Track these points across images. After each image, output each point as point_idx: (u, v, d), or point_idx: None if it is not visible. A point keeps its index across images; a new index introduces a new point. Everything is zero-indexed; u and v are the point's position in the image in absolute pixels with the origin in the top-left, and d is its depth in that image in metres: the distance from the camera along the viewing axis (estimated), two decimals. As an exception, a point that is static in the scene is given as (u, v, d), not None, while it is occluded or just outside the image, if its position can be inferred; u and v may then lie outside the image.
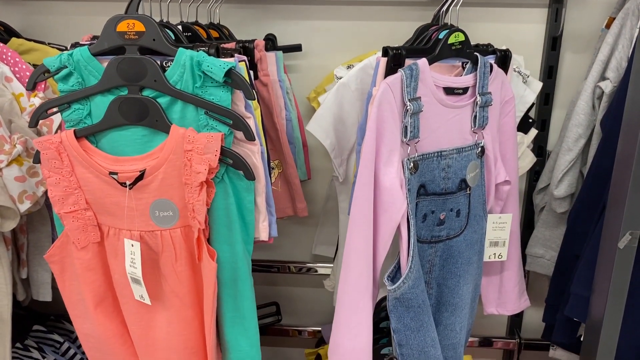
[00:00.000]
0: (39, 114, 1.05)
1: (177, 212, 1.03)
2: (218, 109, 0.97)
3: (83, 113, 1.04)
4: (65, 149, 1.04)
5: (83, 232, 1.08)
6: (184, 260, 1.05)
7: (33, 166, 1.26)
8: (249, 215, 1.04)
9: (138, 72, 0.98)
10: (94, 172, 1.04)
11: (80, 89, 1.03)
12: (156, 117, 1.00)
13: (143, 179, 1.02)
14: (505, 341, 1.80)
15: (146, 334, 1.11)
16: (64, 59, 1.01)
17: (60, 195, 1.06)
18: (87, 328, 1.15)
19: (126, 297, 1.10)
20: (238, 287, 1.06)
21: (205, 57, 0.95)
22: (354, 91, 1.33)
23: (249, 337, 1.08)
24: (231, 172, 1.01)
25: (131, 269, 1.04)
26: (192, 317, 1.08)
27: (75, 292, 1.14)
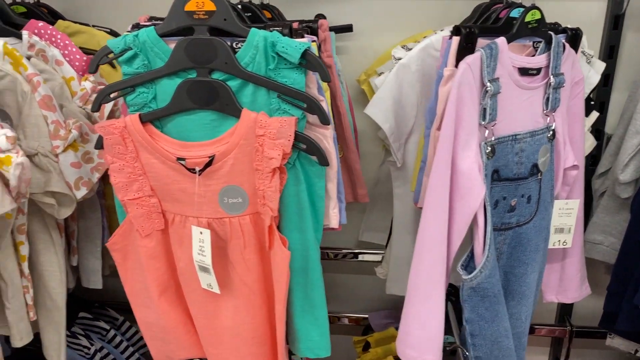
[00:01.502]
0: (102, 98, 1.02)
1: (247, 198, 1.00)
2: (292, 91, 0.93)
3: (148, 97, 1.01)
4: (130, 134, 1.01)
5: (147, 220, 1.05)
6: (253, 247, 1.02)
7: (88, 152, 1.23)
8: (320, 201, 1.00)
9: (208, 53, 0.95)
10: (159, 157, 1.01)
11: (145, 71, 0.99)
12: (226, 101, 0.96)
13: (212, 164, 0.98)
14: (555, 329, 1.76)
15: (212, 322, 1.08)
16: (129, 41, 0.97)
17: (124, 181, 1.03)
18: (150, 317, 1.13)
19: (191, 286, 1.07)
20: (309, 275, 1.03)
21: (280, 37, 0.91)
22: (414, 72, 1.28)
23: (319, 327, 1.05)
24: (303, 157, 0.98)
25: (199, 257, 1.02)
26: (260, 306, 1.06)
27: (138, 281, 1.12)
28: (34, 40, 1.25)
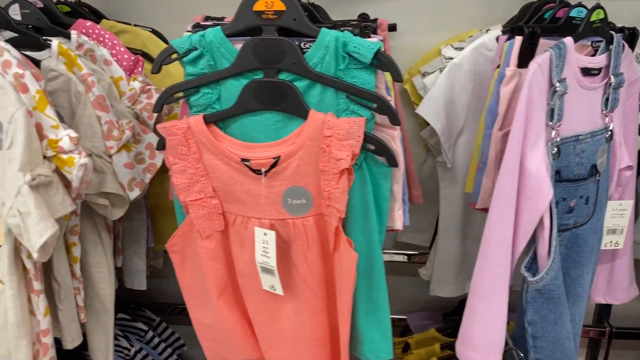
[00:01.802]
0: (165, 98, 1.01)
1: (311, 200, 0.99)
2: (363, 92, 0.92)
3: (212, 97, 1.00)
4: (193, 135, 1.00)
5: (208, 221, 1.04)
6: (316, 249, 1.01)
7: (140, 152, 1.23)
8: (385, 203, 1.00)
9: (276, 54, 0.94)
10: (223, 159, 1.00)
11: (210, 72, 0.98)
12: (293, 102, 0.95)
13: (277, 165, 0.98)
14: (593, 329, 1.75)
15: (272, 324, 1.08)
16: (195, 41, 0.97)
17: (186, 183, 1.02)
18: (208, 319, 1.12)
19: (252, 287, 1.07)
20: (373, 277, 1.02)
21: (352, 37, 0.90)
22: (466, 72, 1.28)
23: (382, 329, 1.04)
24: (369, 158, 0.97)
25: (263, 258, 1.01)
26: (321, 308, 1.05)
27: (196, 282, 1.11)
28: (83, 39, 1.25)
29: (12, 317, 1.04)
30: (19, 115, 0.95)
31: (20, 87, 0.96)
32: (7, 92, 0.96)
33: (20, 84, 0.96)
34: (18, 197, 0.94)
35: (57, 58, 1.14)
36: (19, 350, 1.06)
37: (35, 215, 0.93)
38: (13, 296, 1.03)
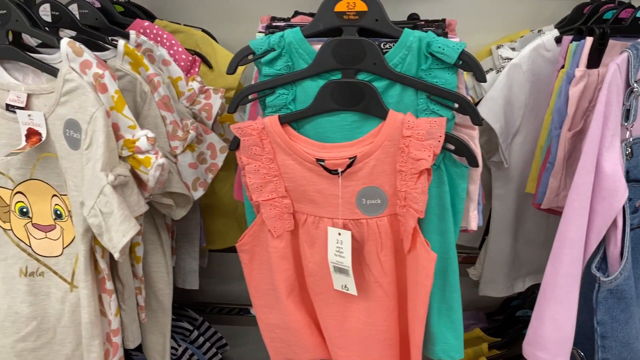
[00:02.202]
0: (240, 99, 1.02)
1: (386, 200, 0.99)
2: (445, 92, 0.92)
3: (288, 98, 1.00)
4: (268, 135, 1.01)
5: (279, 220, 1.05)
6: (389, 249, 1.02)
7: (202, 152, 1.23)
8: (461, 203, 1.00)
9: (356, 54, 0.94)
10: (297, 159, 1.00)
11: (287, 73, 0.98)
12: (372, 102, 0.96)
13: (352, 166, 0.98)
14: None
15: (341, 324, 1.08)
16: (273, 41, 0.97)
17: (259, 182, 1.03)
18: (275, 318, 1.12)
19: (322, 287, 1.07)
20: (448, 278, 1.02)
21: (436, 37, 0.91)
22: (525, 72, 1.28)
23: (455, 329, 1.05)
24: (447, 158, 0.97)
25: (336, 258, 1.01)
26: (393, 308, 1.05)
27: (264, 282, 1.11)
28: (142, 39, 1.25)
29: (86, 317, 1.04)
30: (98, 115, 0.95)
31: (99, 87, 0.97)
32: (86, 92, 0.96)
33: (99, 84, 0.97)
34: (100, 197, 0.94)
35: (123, 58, 1.14)
36: (91, 350, 1.06)
37: (118, 215, 0.94)
38: (88, 296, 1.03)
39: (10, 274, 1.14)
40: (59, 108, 1.00)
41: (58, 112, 1.00)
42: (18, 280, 1.14)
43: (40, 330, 1.15)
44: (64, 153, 1.02)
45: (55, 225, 1.11)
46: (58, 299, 1.14)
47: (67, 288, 1.14)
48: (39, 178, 1.08)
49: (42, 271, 1.14)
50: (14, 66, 1.06)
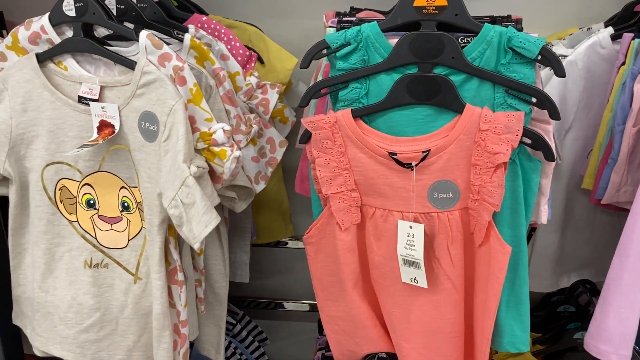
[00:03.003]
0: (313, 93, 1.03)
1: (458, 193, 1.00)
2: (524, 86, 0.93)
3: (361, 92, 1.01)
4: (340, 128, 1.01)
5: (347, 213, 1.06)
6: (459, 243, 1.03)
7: (262, 146, 1.24)
8: (532, 197, 1.01)
9: (434, 48, 0.95)
10: (368, 152, 1.01)
11: (361, 67, 0.99)
12: (449, 96, 0.97)
13: (425, 159, 0.99)
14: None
15: (407, 317, 1.09)
16: (350, 35, 0.98)
17: (329, 176, 1.04)
18: (339, 310, 1.13)
19: (389, 280, 1.08)
20: (518, 271, 1.03)
21: (517, 32, 0.92)
22: (580, 69, 1.29)
23: (522, 322, 1.06)
24: (522, 152, 0.98)
25: (407, 251, 1.02)
26: (460, 301, 1.06)
27: (328, 274, 1.12)
28: (201, 34, 1.26)
29: (158, 307, 1.05)
30: (178, 107, 0.96)
31: (178, 79, 0.98)
32: (164, 84, 0.97)
33: (179, 76, 0.97)
34: (182, 189, 0.95)
35: (188, 52, 1.15)
36: (162, 340, 1.07)
37: (201, 206, 0.95)
38: (161, 287, 1.04)
39: (74, 265, 1.15)
40: (134, 100, 1.01)
41: (133, 104, 1.01)
42: (82, 272, 1.15)
43: (103, 322, 1.16)
44: (138, 145, 1.03)
45: (121, 217, 1.12)
46: (121, 291, 1.15)
47: (131, 280, 1.14)
48: (108, 170, 1.09)
49: (107, 263, 1.15)
50: (85, 59, 1.07)
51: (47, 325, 1.19)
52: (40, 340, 1.20)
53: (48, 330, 1.18)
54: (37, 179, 1.11)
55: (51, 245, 1.15)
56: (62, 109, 1.07)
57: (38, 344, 1.21)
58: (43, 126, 1.08)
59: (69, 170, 1.10)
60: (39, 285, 1.17)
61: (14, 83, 1.08)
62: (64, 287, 1.16)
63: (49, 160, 1.10)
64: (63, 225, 1.14)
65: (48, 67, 1.07)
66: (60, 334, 1.16)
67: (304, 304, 1.92)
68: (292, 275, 1.96)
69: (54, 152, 1.09)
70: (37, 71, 1.06)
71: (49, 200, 1.13)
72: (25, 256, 1.20)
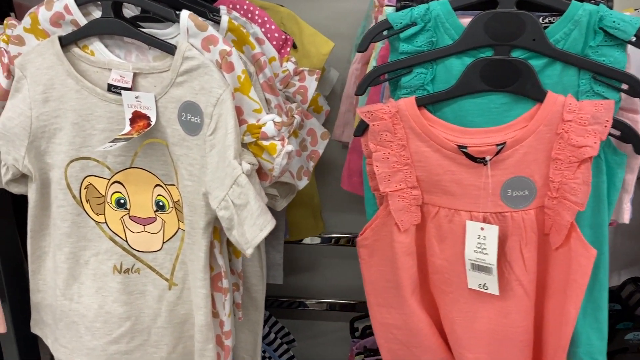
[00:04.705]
0: (370, 80, 0.92)
1: (535, 191, 0.91)
2: (616, 72, 0.83)
3: (426, 78, 0.91)
4: (402, 119, 0.91)
5: (406, 213, 0.96)
6: (532, 245, 0.93)
7: (303, 139, 1.14)
8: (615, 194, 0.91)
9: (513, 29, 0.85)
10: (433, 145, 0.91)
11: (428, 50, 0.89)
12: (528, 83, 0.87)
13: (500, 153, 0.89)
14: None
15: (471, 325, 1.00)
16: (417, 14, 0.87)
17: (388, 172, 0.94)
18: (394, 318, 1.04)
19: (452, 285, 0.99)
20: (598, 276, 0.94)
21: (609, 11, 0.82)
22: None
23: (600, 330, 0.97)
24: (607, 145, 0.89)
25: (477, 255, 0.93)
26: (531, 308, 0.97)
27: (383, 279, 1.03)
28: (234, 15, 1.14)
29: (202, 318, 0.95)
30: (226, 97, 0.86)
31: (225, 65, 0.87)
32: (210, 71, 0.87)
33: (226, 62, 0.87)
34: (234, 188, 0.84)
35: (225, 35, 1.04)
36: (205, 354, 0.97)
37: (255, 207, 0.84)
38: (205, 296, 0.94)
39: (102, 271, 1.05)
40: (173, 89, 0.90)
41: (172, 93, 0.90)
42: (111, 278, 1.04)
43: (134, 332, 1.06)
44: (177, 139, 0.92)
45: (155, 218, 1.01)
46: (154, 298, 1.05)
47: (165, 286, 1.04)
48: (141, 166, 0.99)
49: (138, 267, 1.04)
50: (115, 42, 0.96)
51: (71, 336, 1.08)
52: (65, 351, 1.10)
53: (73, 340, 1.08)
54: (60, 176, 1.01)
55: (76, 249, 1.04)
56: (89, 99, 0.95)
57: (62, 356, 1.10)
58: (67, 118, 0.97)
59: (96, 166, 1.00)
60: (62, 293, 1.07)
61: (33, 70, 0.96)
62: (90, 295, 1.05)
63: (73, 156, 0.99)
64: (89, 227, 1.04)
65: (72, 51, 0.96)
66: (87, 345, 1.06)
67: (328, 303, 1.83)
68: (316, 273, 1.87)
69: (79, 147, 0.98)
70: (60, 56, 0.95)
71: (74, 199, 1.02)
72: (46, 260, 1.10)
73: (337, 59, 1.49)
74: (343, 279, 1.86)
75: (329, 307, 1.83)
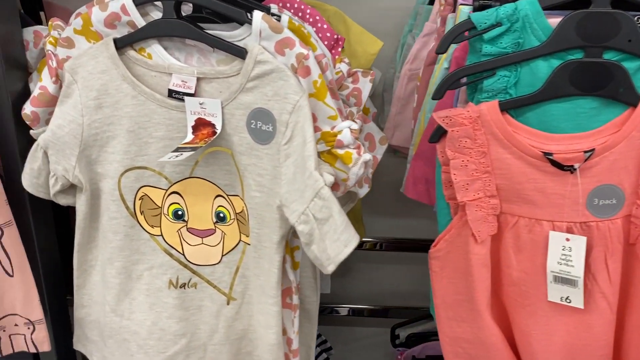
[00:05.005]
0: (451, 83, 0.87)
1: (622, 199, 0.86)
2: None
3: (510, 81, 0.86)
4: (483, 125, 0.86)
5: (484, 223, 0.91)
6: (617, 256, 0.89)
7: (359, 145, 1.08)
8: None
9: (607, 30, 0.80)
10: (516, 152, 0.86)
11: (513, 52, 0.84)
12: (621, 86, 0.82)
13: (588, 160, 0.85)
14: None
15: (550, 339, 0.95)
16: (503, 15, 0.82)
17: (466, 180, 0.89)
18: (465, 332, 0.99)
19: (531, 298, 0.94)
20: (687, 287, 0.90)
21: None
22: None
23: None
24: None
25: (561, 267, 0.88)
26: (613, 321, 0.93)
27: (454, 292, 0.98)
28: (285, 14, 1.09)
29: (273, 337, 0.90)
30: (303, 103, 0.80)
31: (302, 70, 0.81)
32: (285, 76, 0.81)
33: (302, 66, 0.81)
34: (315, 201, 0.79)
35: (284, 35, 0.98)
36: (274, 375, 0.93)
37: (339, 222, 0.79)
38: (277, 314, 0.89)
39: (156, 286, 0.99)
40: (242, 95, 0.84)
41: (241, 99, 0.85)
42: (166, 293, 0.99)
43: (190, 349, 1.01)
44: (245, 148, 0.87)
45: (215, 230, 0.96)
46: (212, 313, 1.00)
47: (223, 301, 0.99)
48: (201, 176, 0.93)
49: (195, 282, 0.99)
50: (175, 45, 0.90)
51: (122, 354, 1.03)
52: (114, 370, 1.04)
53: (124, 359, 1.03)
54: (112, 187, 0.95)
55: (128, 263, 0.99)
56: (146, 105, 0.90)
57: (111, 374, 1.05)
58: (121, 125, 0.92)
59: (152, 176, 0.94)
60: (113, 309, 1.01)
61: (85, 74, 0.91)
62: (143, 311, 1.00)
63: (128, 166, 0.93)
64: (143, 239, 0.98)
65: (127, 54, 0.90)
66: (139, 364, 1.01)
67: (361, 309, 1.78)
68: (347, 278, 1.82)
69: (134, 156, 0.93)
70: (116, 60, 0.89)
71: (127, 211, 0.96)
72: (92, 274, 1.04)
73: (377, 58, 1.44)
74: (375, 284, 1.82)
75: (362, 313, 1.78)
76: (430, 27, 1.19)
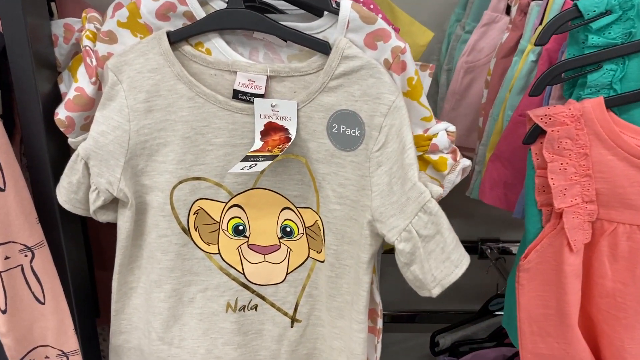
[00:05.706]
0: (550, 78, 0.78)
1: None
2: None
3: (615, 75, 0.78)
4: (586, 124, 0.78)
5: (580, 231, 0.83)
6: None
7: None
8: None
9: None
10: (620, 153, 0.79)
11: (623, 43, 0.76)
12: None
13: (702, 160, 0.77)
14: None
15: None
16: (615, 1, 0.74)
17: (564, 185, 0.81)
18: (550, 348, 0.91)
19: (627, 311, 0.86)
20: None
21: None
22: None
23: None
24: None
25: (671, 277, 0.81)
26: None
27: (541, 306, 0.90)
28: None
29: (359, 366, 0.81)
30: (400, 104, 0.71)
31: (396, 65, 0.72)
32: (377, 73, 0.71)
33: (398, 62, 0.71)
34: (420, 217, 0.70)
35: (348, 27, 0.88)
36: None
37: (449, 240, 0.70)
38: (363, 340, 0.79)
39: (210, 310, 0.89)
40: (323, 95, 0.74)
41: (321, 100, 0.74)
42: (223, 317, 0.89)
43: (248, 378, 0.91)
44: (325, 155, 0.76)
45: (279, 245, 0.86)
46: (274, 338, 0.90)
47: (287, 323, 0.89)
48: (267, 187, 0.83)
49: (256, 303, 0.89)
50: (237, 39, 0.79)
51: (169, 384, 0.92)
52: (162, 402, 0.93)
53: (172, 390, 0.92)
54: (163, 200, 0.84)
55: (179, 285, 0.88)
56: (206, 108, 0.79)
57: (157, 408, 0.94)
58: (175, 131, 0.80)
59: (210, 188, 0.83)
60: (160, 336, 0.90)
61: (133, 73, 0.79)
62: (196, 338, 0.90)
63: (182, 177, 0.82)
64: (197, 259, 0.87)
65: (182, 50, 0.79)
66: (192, 396, 0.91)
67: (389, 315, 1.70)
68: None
69: (190, 165, 0.82)
70: (169, 56, 0.77)
71: (179, 227, 0.85)
72: (132, 297, 0.93)
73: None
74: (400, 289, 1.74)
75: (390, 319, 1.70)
76: (490, 16, 1.10)
